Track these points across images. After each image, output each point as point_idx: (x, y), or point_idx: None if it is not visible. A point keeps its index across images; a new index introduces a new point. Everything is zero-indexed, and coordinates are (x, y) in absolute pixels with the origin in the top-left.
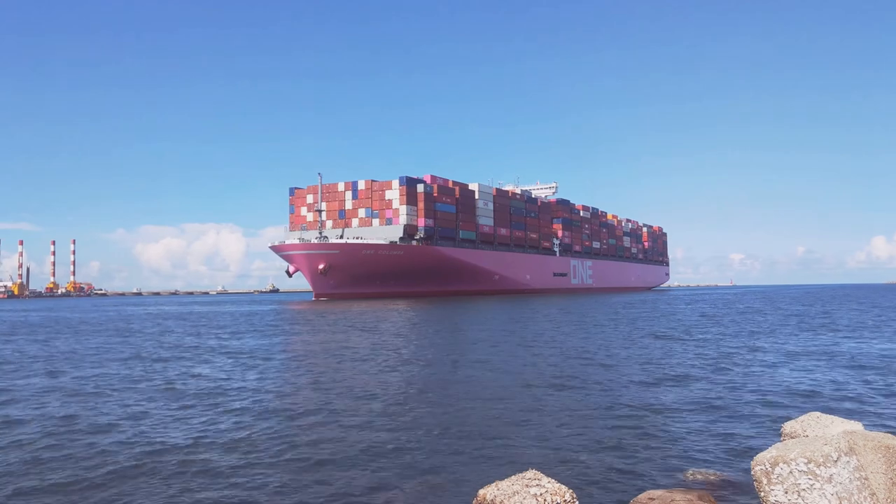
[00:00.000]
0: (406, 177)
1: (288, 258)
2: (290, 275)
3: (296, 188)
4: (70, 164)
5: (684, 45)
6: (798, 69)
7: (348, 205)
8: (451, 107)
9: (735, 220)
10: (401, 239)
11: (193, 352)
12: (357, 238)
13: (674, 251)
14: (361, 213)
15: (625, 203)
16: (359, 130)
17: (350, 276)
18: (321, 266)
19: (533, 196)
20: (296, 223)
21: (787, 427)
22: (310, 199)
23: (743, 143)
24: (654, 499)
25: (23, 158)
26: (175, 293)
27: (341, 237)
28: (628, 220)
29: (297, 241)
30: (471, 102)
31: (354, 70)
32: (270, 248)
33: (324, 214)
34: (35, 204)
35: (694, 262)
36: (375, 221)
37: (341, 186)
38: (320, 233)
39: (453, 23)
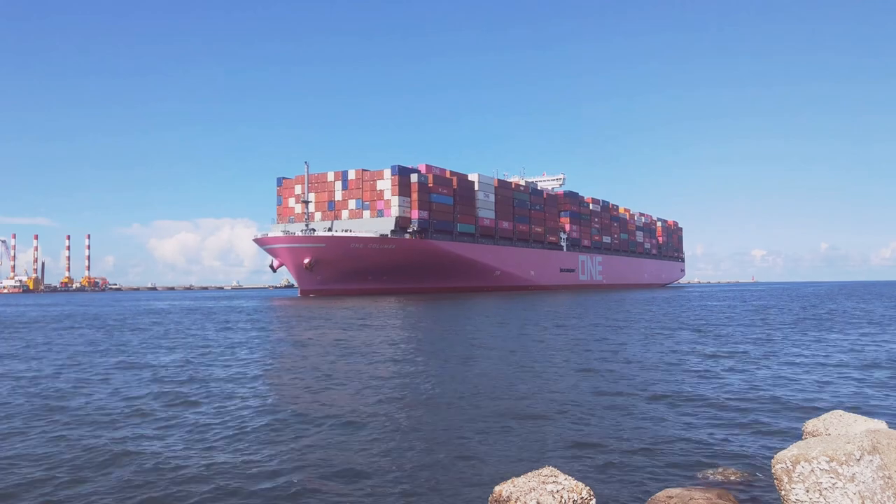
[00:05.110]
0: (398, 166)
1: (272, 252)
2: (274, 269)
3: (283, 178)
4: (85, 158)
5: (702, 31)
6: (823, 56)
7: (338, 196)
8: (451, 96)
9: (757, 216)
10: (392, 232)
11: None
12: (346, 231)
13: (693, 247)
14: (352, 204)
15: (638, 196)
16: (358, 121)
17: (337, 271)
18: (306, 260)
19: (539, 188)
20: (283, 215)
21: (809, 425)
22: (298, 189)
23: (763, 135)
24: (672, 497)
25: (38, 154)
26: (190, 288)
27: (330, 230)
28: (641, 214)
29: (280, 234)
30: (472, 91)
31: (352, 57)
32: (254, 240)
33: (312, 206)
34: (51, 199)
35: (714, 259)
36: (366, 213)
37: (330, 176)
38: (307, 225)
39: (453, 8)
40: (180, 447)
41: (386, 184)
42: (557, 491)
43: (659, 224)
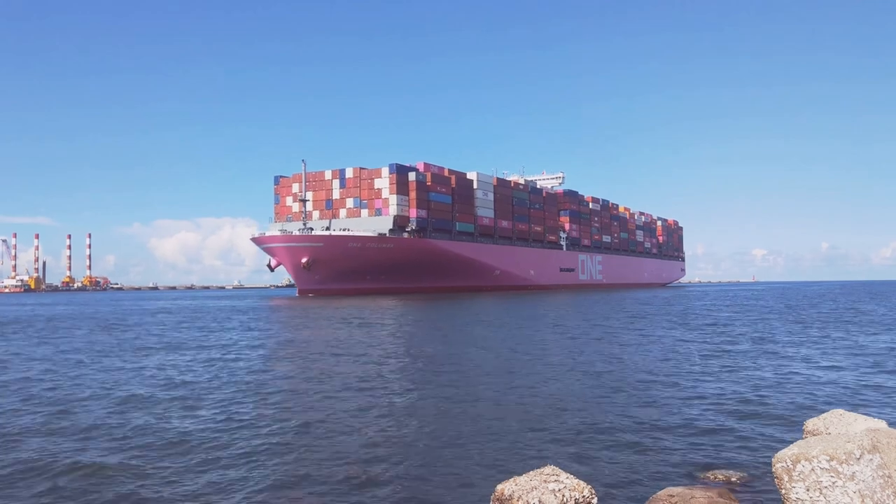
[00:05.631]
0: (396, 164)
1: (269, 251)
2: (271, 269)
3: (281, 177)
4: (85, 158)
5: (701, 31)
6: (823, 56)
7: (336, 194)
8: (451, 96)
9: (757, 215)
10: (391, 231)
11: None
12: (344, 230)
13: (694, 247)
14: (350, 203)
15: (638, 196)
16: (357, 120)
17: (335, 270)
18: (304, 260)
19: (538, 187)
20: (281, 214)
21: (810, 424)
22: (295, 188)
23: (763, 135)
24: (673, 496)
25: (38, 154)
26: (191, 288)
27: (327, 229)
28: (641, 213)
29: (278, 233)
30: (472, 91)
31: (352, 57)
32: (251, 239)
33: (309, 205)
34: (51, 199)
35: (715, 258)
36: (364, 212)
37: (328, 175)
38: (304, 224)
39: (453, 8)
40: (171, 448)
41: (384, 182)
42: (559, 489)
43: (659, 223)
